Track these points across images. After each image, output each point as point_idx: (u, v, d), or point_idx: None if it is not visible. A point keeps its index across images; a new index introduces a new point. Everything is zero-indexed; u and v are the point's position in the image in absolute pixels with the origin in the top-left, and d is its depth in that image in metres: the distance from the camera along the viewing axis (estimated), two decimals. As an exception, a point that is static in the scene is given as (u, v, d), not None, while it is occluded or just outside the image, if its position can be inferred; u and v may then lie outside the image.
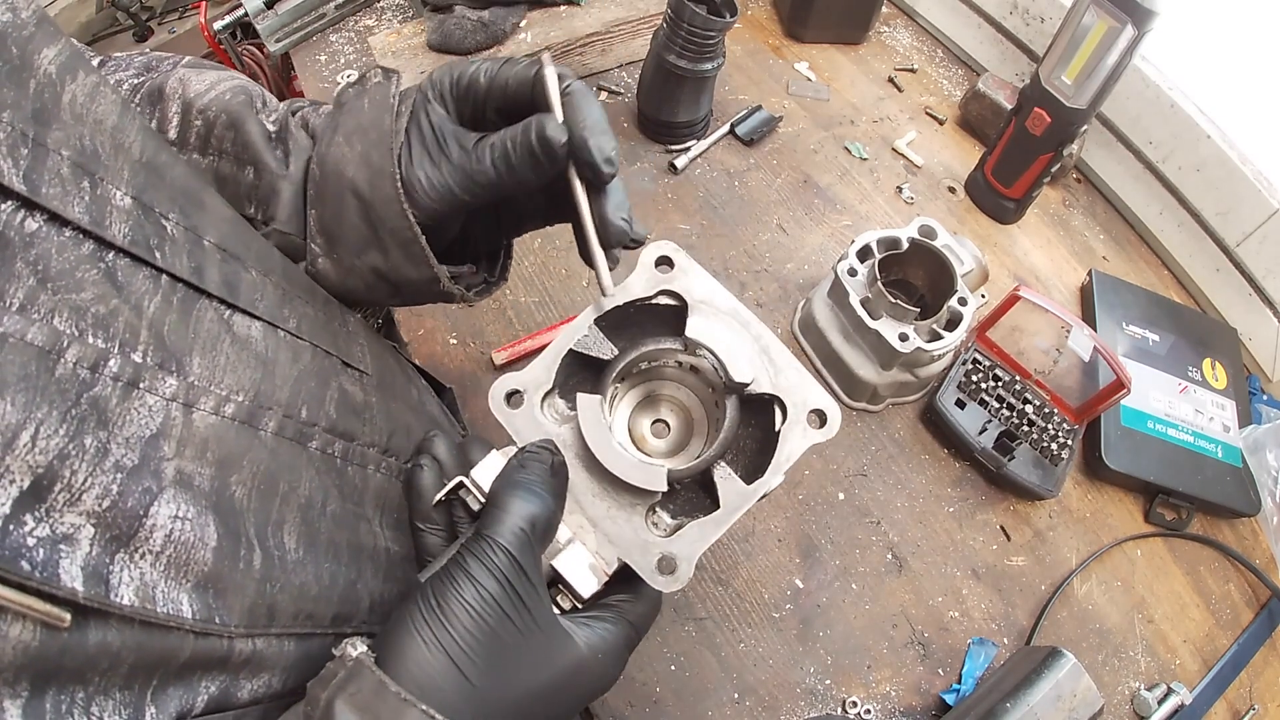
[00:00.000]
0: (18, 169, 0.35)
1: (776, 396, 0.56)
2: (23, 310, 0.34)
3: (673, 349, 0.58)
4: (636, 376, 0.62)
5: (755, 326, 0.58)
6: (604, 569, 0.53)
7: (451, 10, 1.36)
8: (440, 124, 0.57)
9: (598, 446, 0.53)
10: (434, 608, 0.44)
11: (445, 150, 0.57)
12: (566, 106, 0.54)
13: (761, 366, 0.56)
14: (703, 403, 0.61)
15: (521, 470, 0.50)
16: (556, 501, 0.50)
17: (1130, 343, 1.27)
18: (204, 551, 0.40)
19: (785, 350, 0.57)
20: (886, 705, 0.99)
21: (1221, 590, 1.14)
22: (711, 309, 0.58)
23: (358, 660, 0.41)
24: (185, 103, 0.59)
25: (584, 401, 0.54)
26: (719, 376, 0.57)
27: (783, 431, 0.55)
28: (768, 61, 1.59)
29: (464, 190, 0.57)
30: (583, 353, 0.58)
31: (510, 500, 0.48)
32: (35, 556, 0.31)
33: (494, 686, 0.44)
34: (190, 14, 2.14)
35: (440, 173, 0.57)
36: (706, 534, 0.53)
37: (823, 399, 0.55)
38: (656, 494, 0.54)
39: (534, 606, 0.46)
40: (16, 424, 0.32)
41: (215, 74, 0.62)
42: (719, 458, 0.55)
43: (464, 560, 0.45)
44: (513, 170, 0.56)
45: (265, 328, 0.51)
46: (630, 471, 0.53)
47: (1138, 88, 1.36)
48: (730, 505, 0.54)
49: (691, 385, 0.62)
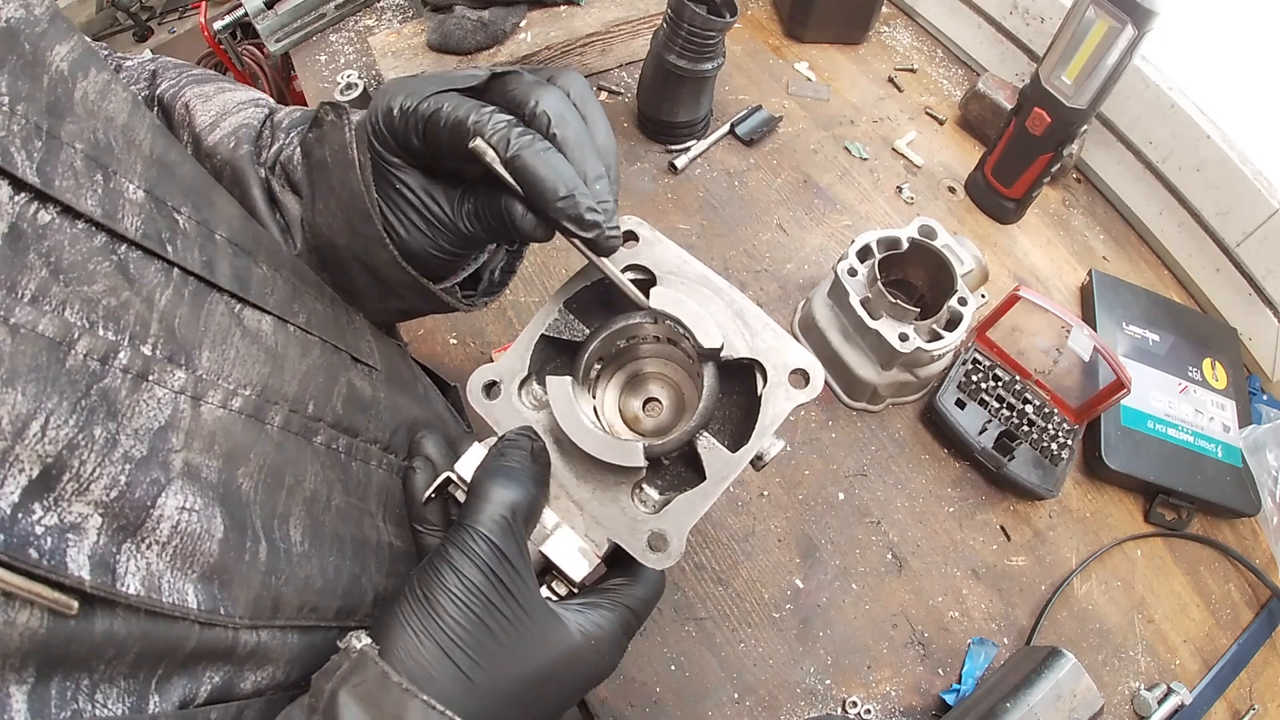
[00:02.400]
0: (31, 161, 0.36)
1: (755, 360, 0.54)
2: (35, 302, 0.34)
3: (640, 322, 0.56)
4: (618, 358, 0.61)
5: (728, 292, 0.56)
6: (594, 552, 0.52)
7: (451, 10, 1.36)
8: (414, 186, 0.55)
9: (570, 427, 0.52)
10: (420, 599, 0.44)
11: (431, 216, 0.55)
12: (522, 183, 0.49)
13: (736, 331, 0.55)
14: (689, 376, 0.60)
15: (501, 458, 0.50)
16: (538, 487, 0.50)
17: (1130, 343, 1.27)
18: (210, 543, 0.40)
19: (761, 313, 0.56)
20: (886, 705, 0.99)
21: (1221, 590, 1.15)
22: (680, 279, 0.56)
23: (361, 652, 0.42)
24: (194, 136, 0.59)
25: (553, 383, 0.53)
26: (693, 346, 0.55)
27: (764, 395, 0.53)
28: (768, 61, 1.60)
29: (463, 248, 0.58)
30: (555, 337, 0.57)
31: (490, 488, 0.48)
32: (43, 545, 0.32)
33: (486, 675, 0.44)
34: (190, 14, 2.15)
35: (434, 239, 0.56)
36: (694, 506, 0.52)
37: (803, 357, 0.54)
38: (639, 471, 0.53)
39: (520, 593, 0.46)
40: (27, 414, 0.32)
41: (220, 100, 0.62)
42: (701, 428, 0.54)
43: (446, 551, 0.46)
44: (500, 234, 0.55)
45: (275, 322, 0.51)
46: (604, 449, 0.52)
47: (1138, 88, 1.36)
48: (717, 475, 0.52)
49: (674, 359, 0.61)
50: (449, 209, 0.55)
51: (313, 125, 0.57)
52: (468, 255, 0.60)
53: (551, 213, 0.49)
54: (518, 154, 0.48)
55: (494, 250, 0.67)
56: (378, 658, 0.42)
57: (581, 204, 0.49)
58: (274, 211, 0.59)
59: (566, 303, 0.57)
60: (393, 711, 0.40)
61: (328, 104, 0.56)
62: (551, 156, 0.49)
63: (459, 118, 0.49)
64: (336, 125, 0.55)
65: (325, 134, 0.56)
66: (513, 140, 0.48)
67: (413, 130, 0.52)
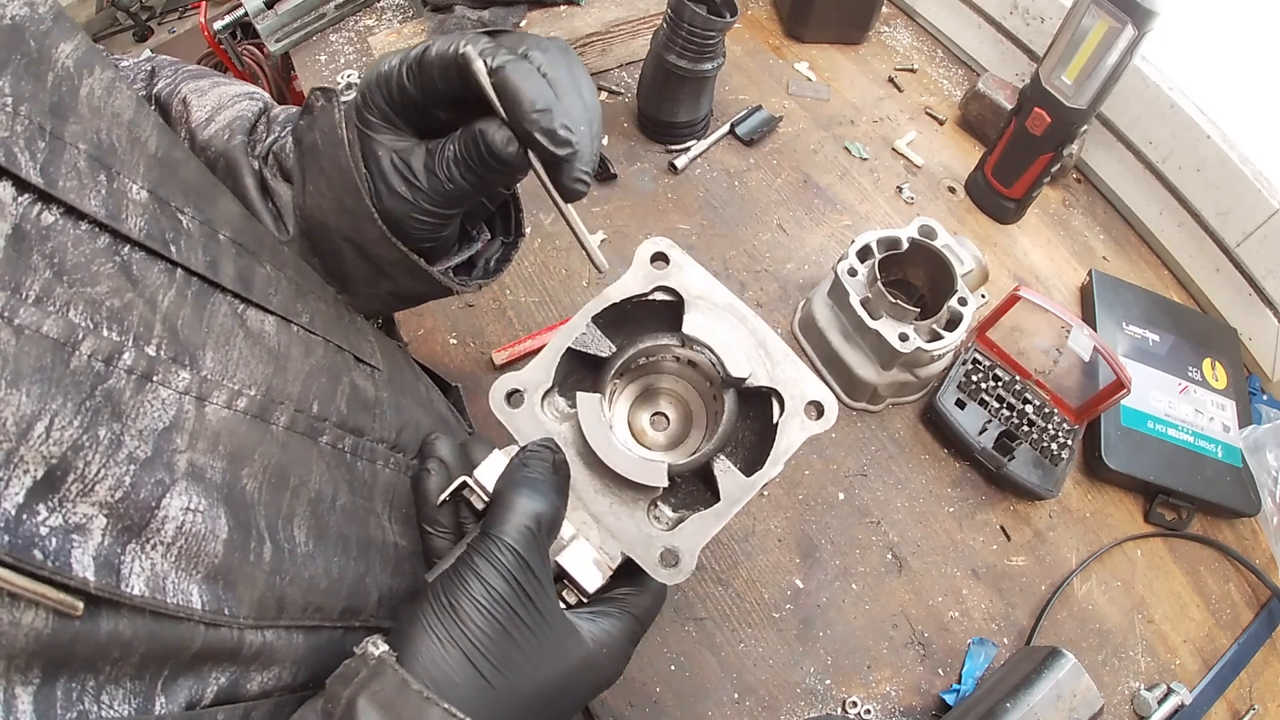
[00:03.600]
0: (35, 162, 0.36)
1: (774, 389, 0.56)
2: (39, 303, 0.34)
3: (670, 345, 0.58)
4: (635, 371, 0.62)
5: (752, 321, 0.58)
6: (608, 564, 0.53)
7: (451, 10, 1.37)
8: (396, 150, 0.55)
9: (598, 444, 0.54)
10: (446, 606, 0.44)
11: (412, 178, 0.55)
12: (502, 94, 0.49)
13: (758, 360, 0.57)
14: (701, 396, 0.62)
15: (524, 469, 0.50)
16: (560, 499, 0.51)
17: (1130, 343, 1.27)
18: (215, 543, 0.40)
19: (782, 344, 0.58)
20: (886, 705, 0.99)
21: (1221, 590, 1.15)
22: (708, 304, 0.58)
23: (380, 659, 0.42)
24: (190, 132, 0.60)
25: (584, 400, 0.55)
26: (717, 372, 0.57)
27: (781, 423, 0.55)
28: (768, 61, 1.60)
29: (446, 206, 0.57)
30: (581, 350, 0.58)
31: (515, 499, 0.48)
32: (48, 545, 0.32)
33: (507, 683, 0.44)
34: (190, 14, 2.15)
35: (416, 201, 0.56)
36: (708, 526, 0.53)
37: (819, 391, 0.56)
38: (658, 489, 0.54)
39: (542, 603, 0.46)
40: (31, 414, 0.32)
41: (215, 95, 0.62)
42: (719, 451, 0.56)
43: (472, 560, 0.46)
44: (483, 179, 0.55)
45: (279, 322, 0.51)
46: (631, 468, 0.53)
47: (1138, 88, 1.37)
48: (730, 497, 0.54)
49: (689, 379, 0.62)
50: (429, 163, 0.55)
51: (303, 112, 0.58)
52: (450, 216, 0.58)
53: (525, 122, 0.49)
54: (503, 65, 0.48)
55: (489, 241, 0.67)
56: (396, 665, 0.42)
57: (557, 120, 0.49)
58: (266, 200, 0.59)
59: (594, 318, 0.58)
60: (412, 719, 0.40)
61: (318, 89, 0.56)
62: (535, 76, 0.49)
63: (448, 48, 0.50)
64: (326, 109, 0.56)
65: (315, 119, 0.56)
66: (500, 55, 0.49)
67: (405, 75, 0.52)
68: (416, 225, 0.57)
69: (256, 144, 0.61)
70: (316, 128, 0.56)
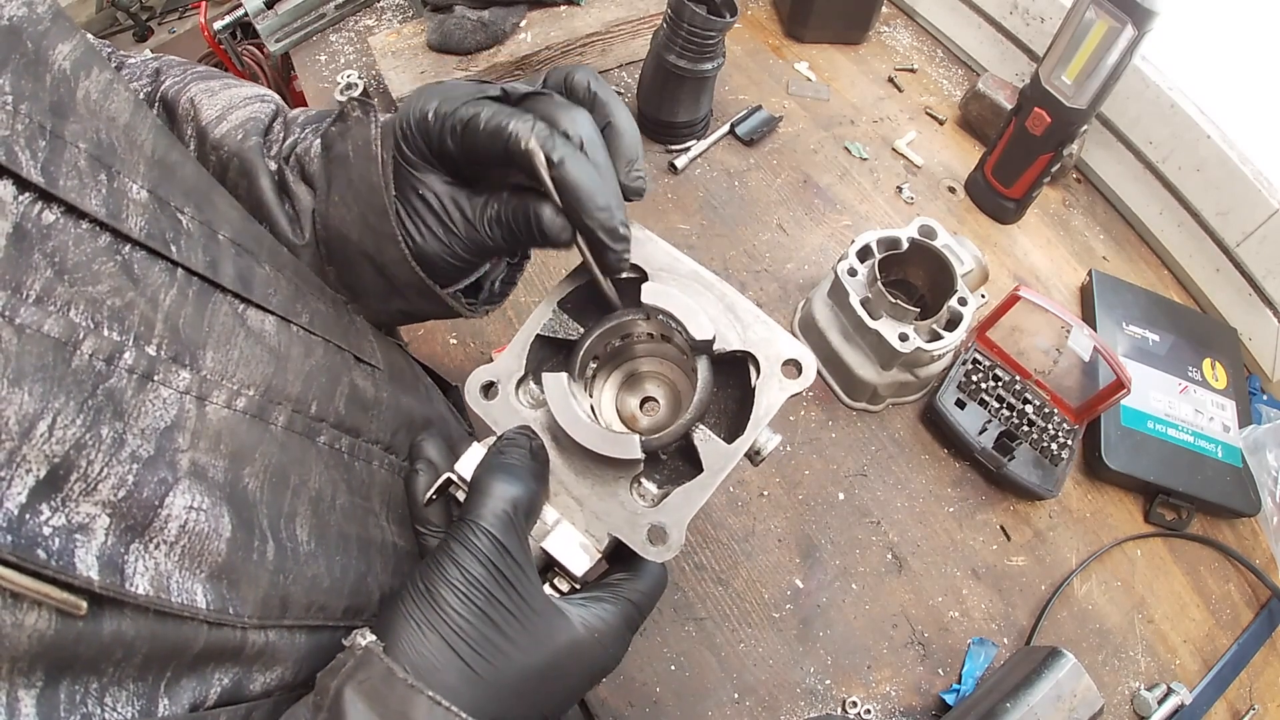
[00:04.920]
0: (35, 161, 0.35)
1: (748, 352, 0.55)
2: (40, 302, 0.34)
3: (633, 319, 0.57)
4: (614, 358, 0.61)
5: (719, 287, 0.57)
6: (595, 546, 0.53)
7: (451, 10, 1.36)
8: (436, 192, 0.56)
9: (566, 421, 0.53)
10: (423, 593, 0.45)
11: (450, 223, 0.56)
12: (562, 190, 0.50)
13: (728, 324, 0.55)
14: (683, 372, 0.61)
15: (500, 456, 0.51)
16: (538, 483, 0.51)
17: (1130, 343, 1.27)
18: (218, 542, 0.40)
19: (751, 306, 0.56)
20: (886, 705, 0.99)
21: (1221, 590, 1.15)
22: (671, 275, 0.57)
23: (366, 649, 0.42)
24: (199, 130, 0.59)
25: (550, 380, 0.54)
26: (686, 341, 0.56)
27: (758, 386, 0.54)
28: (768, 61, 1.60)
29: (478, 256, 0.58)
30: (550, 336, 0.58)
31: (490, 484, 0.48)
32: (51, 545, 0.32)
33: (491, 668, 0.44)
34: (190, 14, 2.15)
35: (451, 245, 0.57)
36: (693, 498, 0.52)
37: (795, 348, 0.54)
38: (637, 464, 0.53)
39: (522, 587, 0.46)
40: (34, 414, 0.32)
41: (226, 95, 0.62)
42: (696, 421, 0.54)
43: (449, 546, 0.46)
44: (520, 244, 0.56)
45: (278, 322, 0.51)
46: (601, 442, 0.52)
47: (1138, 88, 1.37)
48: (713, 467, 0.53)
49: (667, 356, 0.61)
50: (470, 214, 0.56)
51: (337, 119, 0.58)
52: (480, 263, 0.60)
53: (589, 220, 0.50)
54: (564, 160, 0.49)
55: (495, 262, 0.68)
56: (382, 654, 0.42)
57: (617, 217, 0.51)
58: (283, 202, 0.59)
59: (560, 303, 0.58)
60: (398, 708, 0.40)
61: (356, 99, 0.57)
62: (592, 169, 0.50)
63: (500, 123, 0.50)
64: (362, 121, 0.56)
65: (349, 128, 0.57)
66: (559, 147, 0.49)
67: (449, 132, 0.52)
68: (444, 265, 0.58)
69: (273, 145, 0.61)
70: (350, 138, 0.57)
